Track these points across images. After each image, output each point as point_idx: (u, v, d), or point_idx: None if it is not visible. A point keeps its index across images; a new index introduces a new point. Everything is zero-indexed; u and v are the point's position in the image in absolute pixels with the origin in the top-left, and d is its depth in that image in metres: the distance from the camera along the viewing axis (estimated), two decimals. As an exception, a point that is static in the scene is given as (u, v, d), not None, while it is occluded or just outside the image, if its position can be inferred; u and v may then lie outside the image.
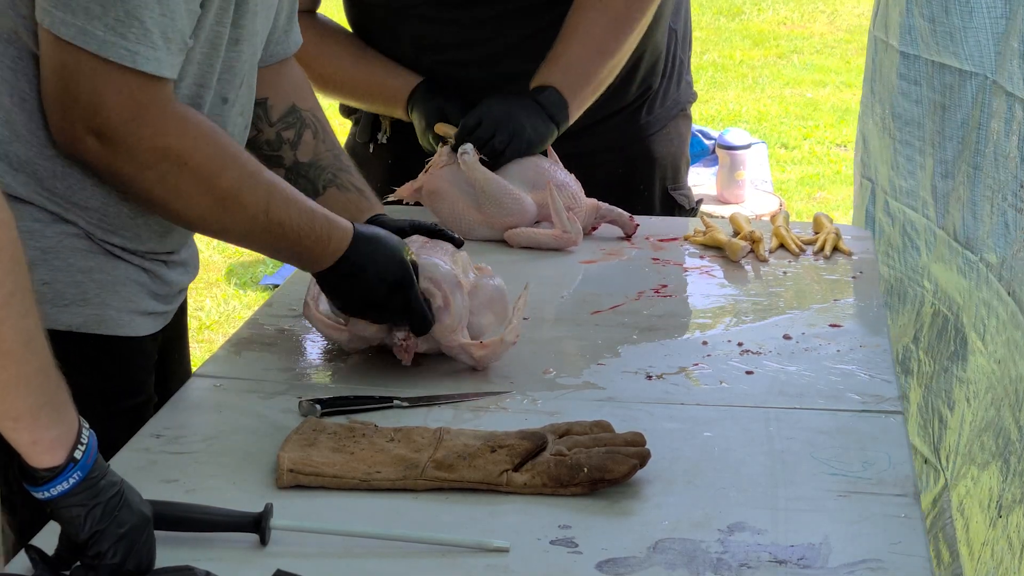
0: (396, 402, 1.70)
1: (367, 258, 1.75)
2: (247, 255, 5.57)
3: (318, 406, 1.67)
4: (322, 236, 1.73)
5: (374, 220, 1.93)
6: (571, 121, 2.35)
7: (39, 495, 1.29)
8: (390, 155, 2.59)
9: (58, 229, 1.70)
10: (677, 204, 2.59)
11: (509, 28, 2.42)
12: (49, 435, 1.28)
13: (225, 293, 5.19)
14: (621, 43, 2.37)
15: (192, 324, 4.82)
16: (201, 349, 4.59)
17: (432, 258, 1.81)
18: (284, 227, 1.71)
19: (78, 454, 1.29)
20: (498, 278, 1.88)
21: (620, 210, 2.36)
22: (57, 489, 1.28)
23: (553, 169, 2.32)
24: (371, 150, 2.59)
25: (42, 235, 1.70)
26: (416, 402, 1.71)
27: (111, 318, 1.74)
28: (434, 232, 1.91)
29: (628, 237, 2.34)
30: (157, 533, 1.36)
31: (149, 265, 1.79)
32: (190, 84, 1.72)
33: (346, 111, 2.69)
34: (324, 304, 1.85)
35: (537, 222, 2.31)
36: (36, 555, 1.32)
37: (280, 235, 1.72)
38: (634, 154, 2.55)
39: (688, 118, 2.65)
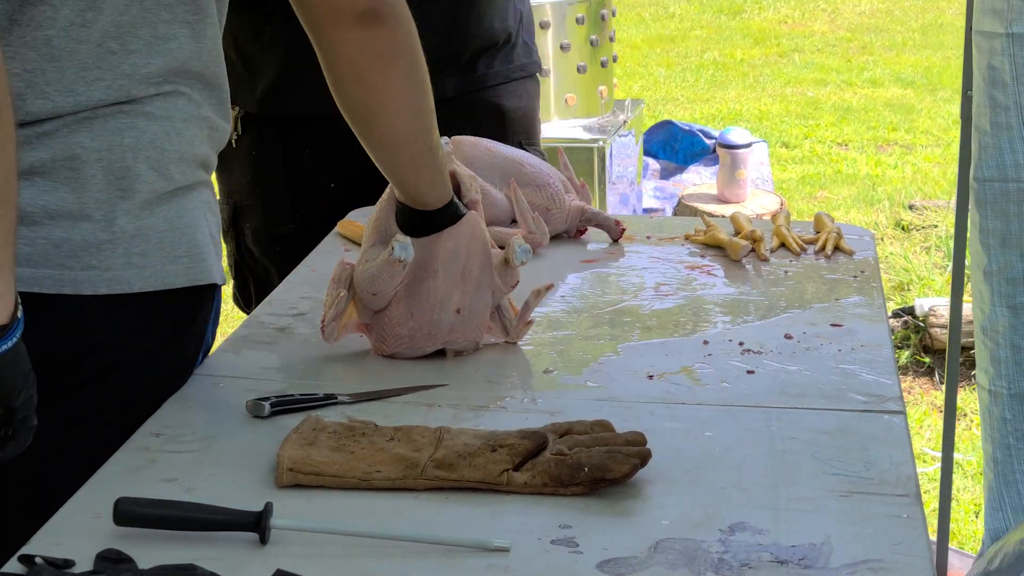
0: (340, 398, 1.71)
1: None
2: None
3: (266, 404, 1.67)
4: None
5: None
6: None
7: None
8: (253, 147, 2.58)
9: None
10: None
11: None
12: (10, 288, 1.25)
13: (225, 292, 5.19)
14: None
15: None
16: (201, 348, 4.58)
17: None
18: None
19: (20, 313, 1.26)
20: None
21: (606, 214, 2.35)
22: (8, 343, 1.25)
23: (538, 165, 2.30)
24: (234, 145, 2.55)
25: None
26: (360, 398, 1.71)
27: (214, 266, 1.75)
28: None
29: (616, 241, 2.33)
30: (157, 532, 1.36)
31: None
32: None
33: None
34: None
35: (514, 220, 2.30)
36: (27, 563, 1.30)
37: None
38: (476, 103, 2.54)
39: (537, 83, 2.67)
